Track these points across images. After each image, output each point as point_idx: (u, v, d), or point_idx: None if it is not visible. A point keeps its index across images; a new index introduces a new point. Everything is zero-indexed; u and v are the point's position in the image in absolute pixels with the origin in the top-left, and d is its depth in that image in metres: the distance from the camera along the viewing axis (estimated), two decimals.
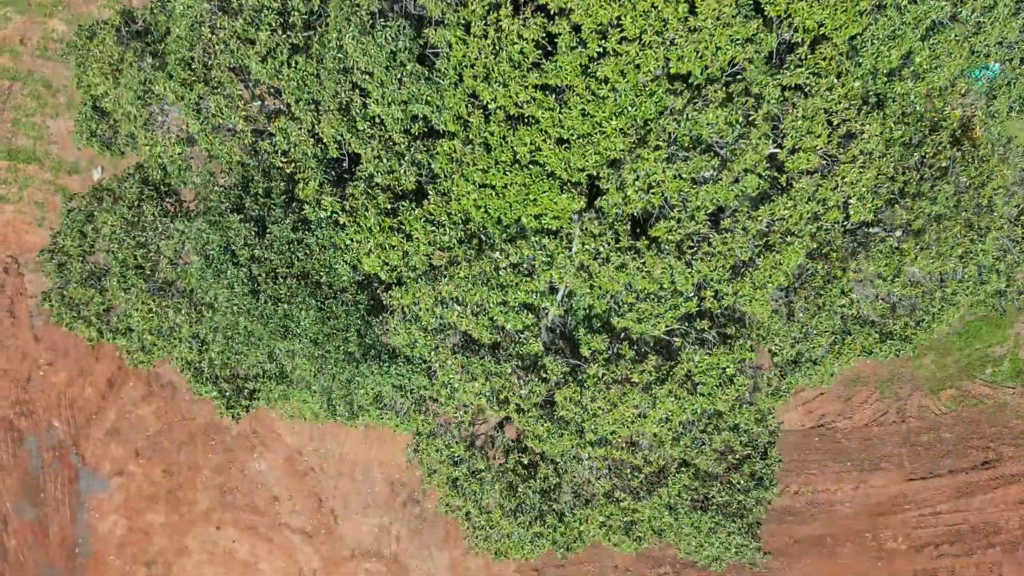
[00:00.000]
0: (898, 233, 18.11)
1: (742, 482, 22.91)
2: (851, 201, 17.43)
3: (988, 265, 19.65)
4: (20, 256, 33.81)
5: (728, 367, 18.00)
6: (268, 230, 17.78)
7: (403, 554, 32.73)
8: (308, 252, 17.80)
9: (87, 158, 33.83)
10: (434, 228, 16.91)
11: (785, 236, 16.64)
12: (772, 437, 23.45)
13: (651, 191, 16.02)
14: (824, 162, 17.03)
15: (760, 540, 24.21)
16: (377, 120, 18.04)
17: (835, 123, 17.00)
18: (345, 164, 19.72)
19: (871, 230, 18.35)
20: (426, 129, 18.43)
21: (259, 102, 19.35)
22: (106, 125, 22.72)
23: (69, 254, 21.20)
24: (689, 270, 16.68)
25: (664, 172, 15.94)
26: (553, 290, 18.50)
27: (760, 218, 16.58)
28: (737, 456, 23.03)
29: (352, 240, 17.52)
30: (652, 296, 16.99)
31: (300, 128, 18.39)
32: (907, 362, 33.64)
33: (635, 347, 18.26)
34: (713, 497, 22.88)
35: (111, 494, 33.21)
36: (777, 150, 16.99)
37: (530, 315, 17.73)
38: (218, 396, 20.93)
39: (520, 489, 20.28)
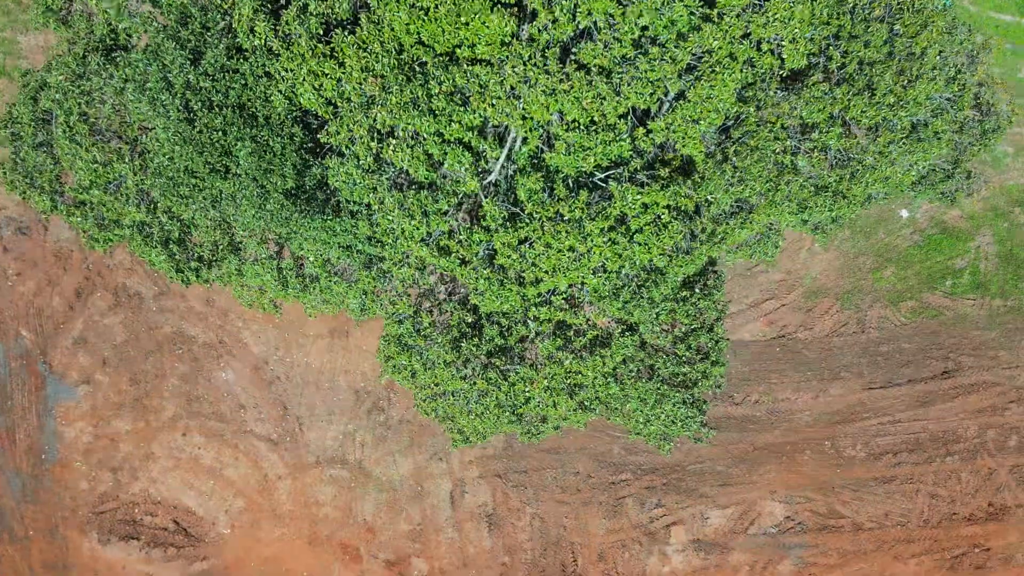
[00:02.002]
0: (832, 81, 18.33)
1: (688, 354, 23.21)
2: (784, 44, 17.67)
3: (923, 120, 19.87)
4: None
5: (663, 211, 18.24)
6: (203, 58, 18.02)
7: (367, 461, 33.04)
8: (243, 82, 18.04)
9: None
10: (367, 55, 17.15)
11: (715, 67, 16.89)
12: (719, 313, 23.75)
13: (578, 10, 16.26)
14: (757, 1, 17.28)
15: (705, 415, 24.55)
16: None
17: None
18: None
19: (806, 79, 18.58)
20: None
21: None
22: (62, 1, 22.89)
23: (22, 122, 21.41)
24: (618, 97, 16.92)
25: None
26: (501, 141, 18.72)
27: (688, 48, 16.82)
28: (683, 330, 23.32)
29: (285, 69, 17.77)
30: (582, 127, 17.23)
31: None
32: (867, 274, 33.97)
33: (571, 189, 18.51)
34: (659, 368, 23.19)
35: (78, 402, 33.45)
36: None
37: (467, 154, 17.97)
38: (167, 260, 21.16)
39: (463, 345, 20.56)
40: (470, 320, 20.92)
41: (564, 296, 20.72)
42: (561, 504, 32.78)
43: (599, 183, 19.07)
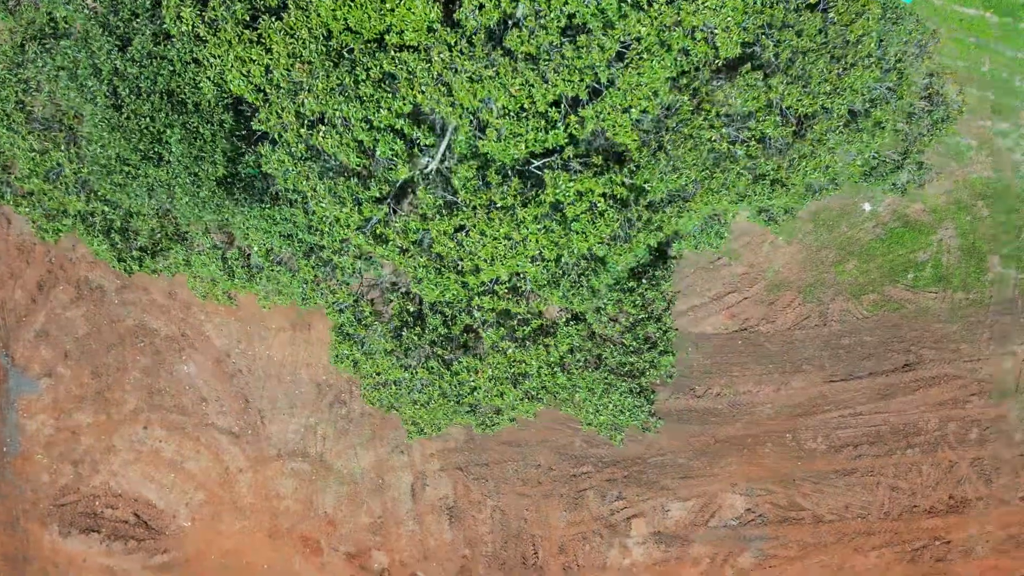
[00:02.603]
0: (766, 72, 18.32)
1: (635, 344, 23.25)
2: (717, 33, 17.68)
3: (862, 109, 19.89)
4: None
5: (598, 199, 18.23)
6: (131, 44, 18.01)
7: (329, 454, 33.03)
8: (171, 69, 18.03)
9: None
10: (294, 41, 17.15)
11: (643, 54, 16.90)
12: (667, 303, 23.78)
13: None
14: None
15: (653, 404, 24.59)
16: None
17: None
18: None
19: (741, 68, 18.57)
20: None
21: None
22: None
23: None
24: (546, 85, 16.92)
25: None
26: (442, 129, 18.68)
27: (616, 36, 16.83)
28: (631, 320, 23.36)
29: (213, 55, 17.75)
30: (512, 113, 17.24)
31: None
32: (830, 267, 34.01)
33: (506, 177, 18.51)
34: (607, 358, 23.22)
35: (40, 394, 33.42)
36: None
37: (400, 141, 17.96)
38: (108, 249, 21.14)
39: (404, 334, 20.56)
40: (412, 309, 20.92)
41: (508, 286, 20.72)
42: (522, 497, 32.80)
43: (535, 171, 19.07)
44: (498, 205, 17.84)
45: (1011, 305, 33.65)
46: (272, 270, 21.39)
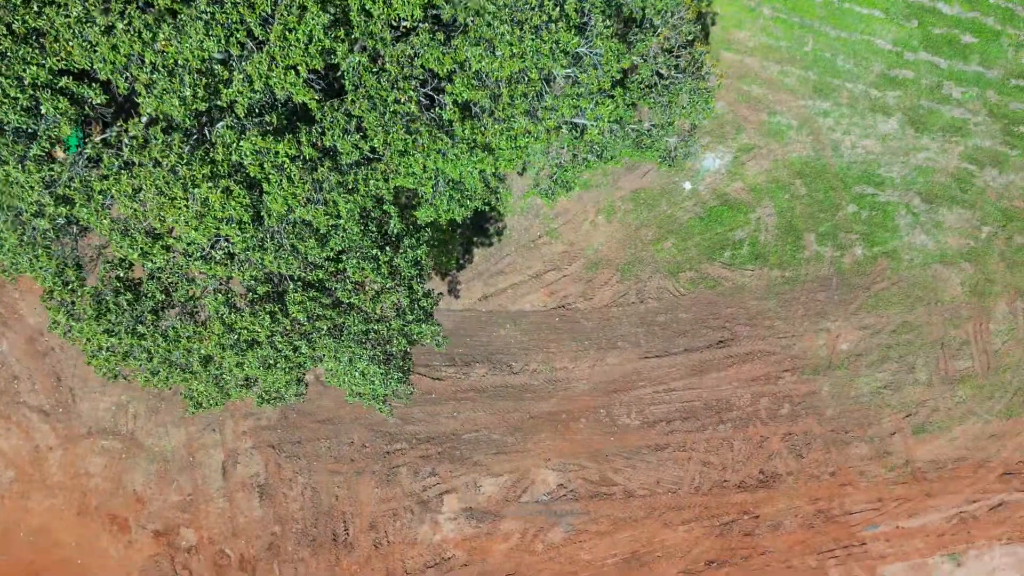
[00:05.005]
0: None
1: (379, 313, 23.22)
2: None
3: (571, 75, 19.90)
4: None
5: (284, 159, 18.17)
6: None
7: (140, 432, 32.85)
8: None
9: None
10: None
11: (291, 8, 16.80)
12: (417, 271, 23.75)
13: None
14: None
15: (408, 373, 24.62)
16: None
17: None
18: None
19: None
20: None
21: None
22: None
23: None
24: (191, 38, 16.83)
25: None
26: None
27: None
28: (376, 287, 23.34)
29: None
30: (164, 69, 17.14)
31: None
32: (648, 246, 34.22)
33: (183, 134, 18.42)
34: (350, 326, 23.18)
35: None
36: None
37: (63, 99, 17.69)
38: None
39: (109, 299, 20.45)
40: (121, 275, 20.82)
41: (224, 250, 20.65)
42: (334, 474, 32.79)
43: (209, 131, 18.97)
44: (162, 164, 17.78)
45: (826, 282, 34.02)
46: None
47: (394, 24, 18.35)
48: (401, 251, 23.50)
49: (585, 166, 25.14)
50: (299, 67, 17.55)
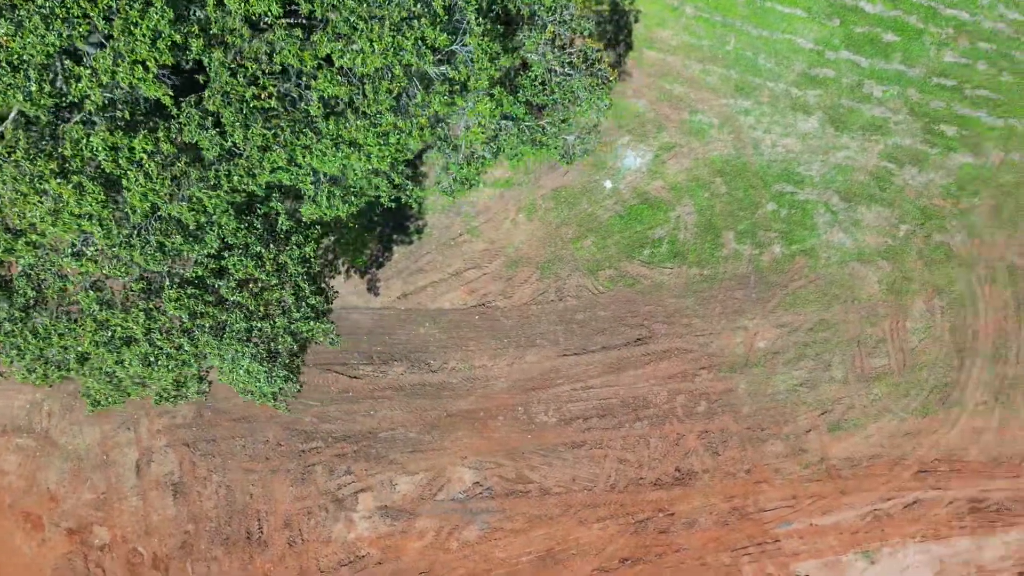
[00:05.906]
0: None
1: (262, 310, 23.18)
2: None
3: (433, 70, 19.89)
4: None
5: (141, 155, 18.12)
6: None
7: (54, 430, 32.74)
8: None
9: None
10: None
11: (132, 4, 16.76)
12: (306, 268, 23.71)
13: None
14: None
15: (296, 371, 24.59)
16: None
17: None
18: None
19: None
20: None
21: None
22: None
23: None
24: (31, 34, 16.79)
25: None
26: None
27: None
28: (259, 285, 23.30)
29: None
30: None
31: None
32: (568, 244, 34.25)
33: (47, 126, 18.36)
34: (232, 324, 23.13)
35: None
36: None
37: None
38: None
39: None
40: None
41: (96, 248, 20.60)
42: (249, 472, 32.73)
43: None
44: (11, 159, 17.74)
45: (744, 280, 34.10)
46: None
47: (253, 20, 18.32)
48: (288, 248, 23.45)
49: (482, 163, 25.15)
50: (147, 62, 17.51)
